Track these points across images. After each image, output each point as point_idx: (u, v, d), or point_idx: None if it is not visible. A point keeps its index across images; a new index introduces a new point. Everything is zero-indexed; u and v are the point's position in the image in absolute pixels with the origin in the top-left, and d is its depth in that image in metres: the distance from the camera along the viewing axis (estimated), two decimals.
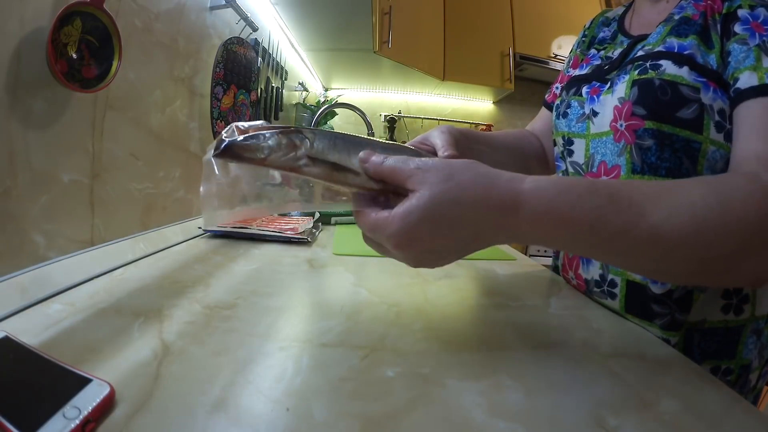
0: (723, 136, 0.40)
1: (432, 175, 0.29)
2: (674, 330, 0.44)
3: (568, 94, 0.55)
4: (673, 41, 0.43)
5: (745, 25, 0.39)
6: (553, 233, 0.30)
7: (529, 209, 0.28)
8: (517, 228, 0.29)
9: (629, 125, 0.44)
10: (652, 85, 0.42)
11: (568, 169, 0.54)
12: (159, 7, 0.65)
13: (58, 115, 0.46)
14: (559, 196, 0.28)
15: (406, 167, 0.30)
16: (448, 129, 0.46)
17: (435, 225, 0.28)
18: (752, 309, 0.44)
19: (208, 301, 0.42)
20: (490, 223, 0.29)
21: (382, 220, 0.30)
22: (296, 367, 0.30)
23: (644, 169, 0.43)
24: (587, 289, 0.52)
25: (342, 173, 0.31)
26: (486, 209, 0.28)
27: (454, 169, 0.29)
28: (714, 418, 0.27)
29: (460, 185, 0.28)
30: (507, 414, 0.26)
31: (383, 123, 2.36)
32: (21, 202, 0.42)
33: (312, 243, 0.76)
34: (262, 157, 0.30)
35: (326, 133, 0.33)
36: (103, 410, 0.23)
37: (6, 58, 0.39)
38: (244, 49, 0.97)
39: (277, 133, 0.31)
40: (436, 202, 0.28)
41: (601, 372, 0.32)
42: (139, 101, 0.62)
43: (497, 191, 0.28)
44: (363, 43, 1.52)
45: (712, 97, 0.40)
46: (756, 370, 0.47)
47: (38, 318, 0.36)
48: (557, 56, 2.19)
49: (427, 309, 0.45)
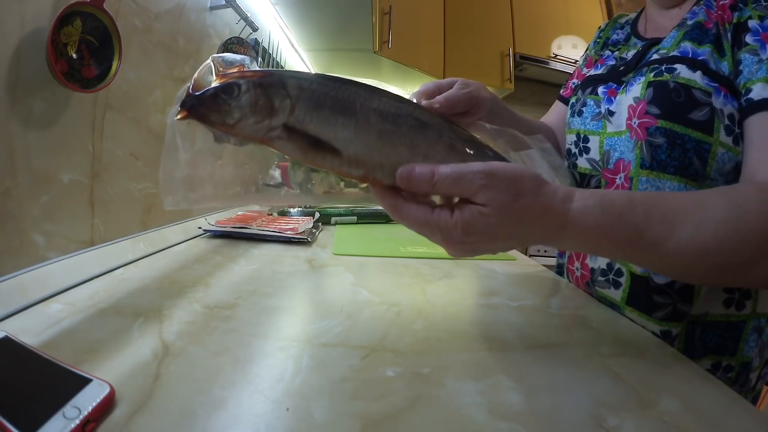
0: (732, 139, 0.42)
1: (501, 193, 0.28)
2: (676, 321, 0.45)
3: (584, 93, 0.57)
4: (687, 47, 0.45)
5: (755, 36, 0.41)
6: (593, 246, 0.34)
7: (575, 229, 0.31)
8: (561, 241, 0.32)
9: (642, 123, 0.46)
10: (666, 86, 0.44)
11: (582, 166, 0.56)
12: (159, 7, 0.65)
13: (58, 115, 0.46)
14: (602, 217, 0.31)
15: (473, 182, 0.28)
16: (490, 95, 0.47)
17: (494, 234, 0.30)
18: (754, 305, 0.46)
19: (208, 301, 0.42)
20: (539, 236, 0.31)
21: (443, 222, 0.29)
22: (296, 367, 0.30)
23: (653, 165, 0.45)
24: (591, 279, 0.54)
25: (320, 154, 0.27)
26: (539, 227, 0.30)
27: (521, 184, 0.29)
28: (714, 418, 0.27)
29: (524, 207, 0.29)
30: (507, 414, 0.26)
31: None
32: (21, 202, 0.42)
33: (312, 243, 0.76)
34: (230, 122, 0.25)
35: (315, 89, 0.27)
36: (103, 410, 0.23)
37: (6, 58, 0.39)
38: (244, 49, 0.97)
39: (253, 84, 0.25)
40: (501, 217, 0.29)
41: (601, 372, 0.32)
42: (139, 101, 0.62)
43: (552, 213, 0.30)
44: (363, 43, 1.52)
45: (723, 102, 0.42)
46: (756, 369, 0.48)
47: (38, 318, 0.36)
48: (557, 56, 2.19)
49: (427, 309, 0.45)
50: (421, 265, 0.64)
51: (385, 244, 0.78)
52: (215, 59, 0.28)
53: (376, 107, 0.28)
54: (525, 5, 2.20)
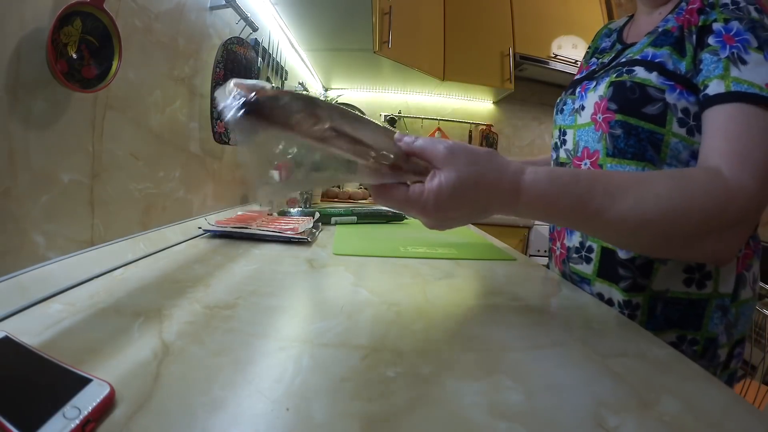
0: (686, 130, 0.48)
1: (459, 159, 0.36)
2: (636, 292, 0.51)
3: (566, 94, 0.65)
4: (649, 51, 0.50)
5: (717, 38, 0.45)
6: (543, 213, 0.38)
7: (526, 197, 0.37)
8: (516, 208, 0.38)
9: (605, 117, 0.52)
10: (624, 85, 0.50)
11: (561, 156, 0.63)
12: (159, 7, 0.65)
13: (58, 115, 0.46)
14: (549, 187, 0.37)
15: (436, 148, 0.36)
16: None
17: (458, 200, 0.36)
18: (715, 285, 0.50)
19: (208, 301, 0.42)
20: (497, 203, 0.37)
21: (416, 195, 0.36)
22: (296, 367, 0.30)
23: (615, 153, 0.52)
24: (567, 256, 0.61)
25: (362, 147, 0.36)
26: (496, 193, 0.37)
27: (477, 156, 0.36)
28: (714, 418, 0.27)
29: (479, 172, 0.36)
30: (507, 414, 0.26)
31: (383, 123, 2.36)
32: (21, 202, 0.42)
33: (312, 243, 0.76)
34: (292, 123, 0.31)
35: (336, 107, 0.36)
36: (103, 410, 0.23)
37: (6, 58, 0.39)
38: (244, 49, 0.97)
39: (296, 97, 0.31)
40: (462, 182, 0.35)
41: (601, 372, 0.32)
42: (139, 101, 0.62)
43: (506, 181, 0.36)
44: (363, 43, 1.52)
45: (677, 98, 0.47)
46: (725, 346, 0.52)
47: (38, 318, 0.36)
48: (557, 56, 2.19)
49: (427, 309, 0.45)
50: (421, 265, 0.64)
51: (385, 244, 0.78)
52: (238, 83, 0.32)
53: (367, 118, 0.38)
54: (525, 5, 2.20)
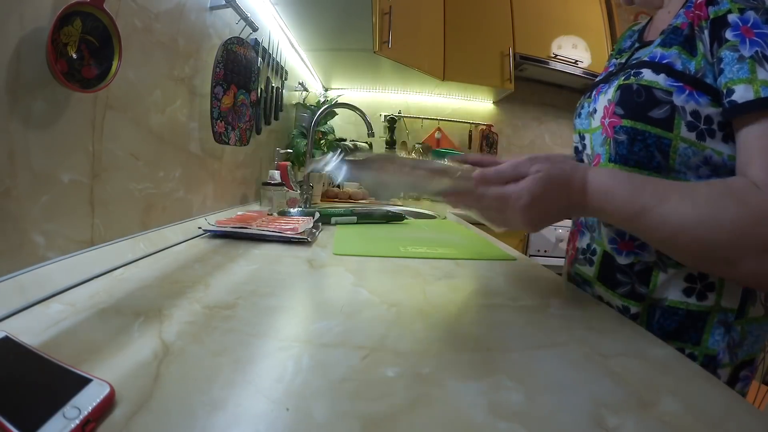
0: (695, 135, 0.44)
1: (542, 161, 0.42)
2: (635, 300, 0.50)
3: (585, 97, 0.63)
4: (657, 52, 0.47)
5: (735, 31, 0.40)
6: (604, 206, 0.42)
7: (591, 187, 0.42)
8: (585, 205, 0.42)
9: (611, 122, 0.51)
10: (630, 89, 0.48)
11: (584, 161, 0.61)
12: (159, 7, 0.65)
13: (58, 115, 0.46)
14: (608, 180, 0.42)
15: (518, 160, 0.43)
16: None
17: (549, 193, 0.41)
18: (717, 298, 0.46)
19: (208, 301, 0.42)
20: (574, 196, 0.42)
21: (511, 191, 0.41)
22: (296, 367, 0.30)
23: (616, 159, 0.50)
24: (575, 257, 0.61)
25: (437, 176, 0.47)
26: (570, 190, 0.42)
27: (554, 156, 0.44)
28: (714, 418, 0.27)
29: (561, 170, 0.42)
30: (507, 414, 0.26)
31: (383, 123, 2.36)
32: (21, 202, 0.42)
33: (312, 243, 0.76)
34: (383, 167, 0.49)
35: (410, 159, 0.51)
36: (103, 410, 0.23)
37: (6, 58, 0.39)
38: (244, 49, 0.97)
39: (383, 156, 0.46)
40: (551, 178, 0.41)
41: (601, 372, 0.32)
42: (139, 101, 0.62)
43: (577, 175, 0.42)
44: (363, 43, 1.52)
45: (685, 100, 0.44)
46: (726, 366, 0.47)
47: (38, 318, 0.36)
48: (557, 56, 2.19)
49: (427, 309, 0.45)
50: (421, 265, 0.64)
51: (385, 244, 0.78)
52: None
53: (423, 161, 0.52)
54: (525, 5, 2.20)
